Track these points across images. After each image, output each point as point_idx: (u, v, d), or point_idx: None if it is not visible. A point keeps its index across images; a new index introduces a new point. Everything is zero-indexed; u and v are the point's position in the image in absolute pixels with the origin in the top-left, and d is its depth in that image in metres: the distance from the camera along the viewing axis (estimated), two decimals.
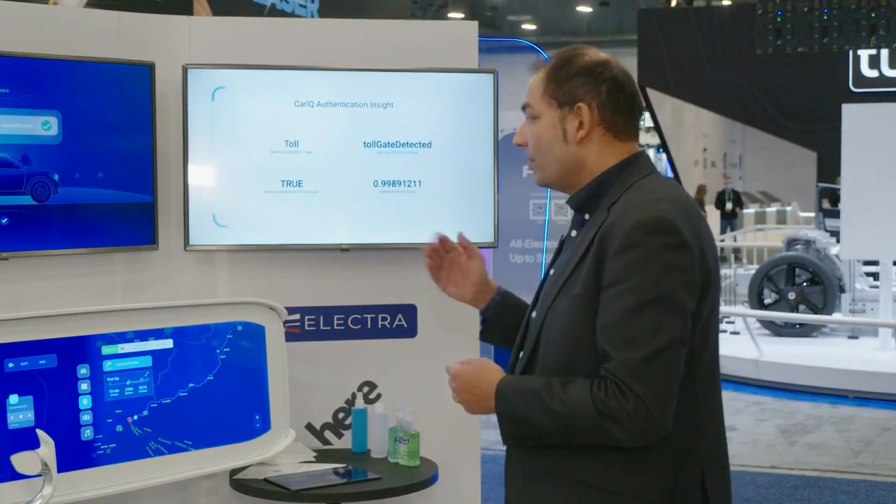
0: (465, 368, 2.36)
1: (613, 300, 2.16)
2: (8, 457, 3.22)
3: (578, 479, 2.25)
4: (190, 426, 3.65)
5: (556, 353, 2.28)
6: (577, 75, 2.33)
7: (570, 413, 2.17)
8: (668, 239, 2.16)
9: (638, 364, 2.12)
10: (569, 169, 2.36)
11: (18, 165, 3.48)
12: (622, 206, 2.25)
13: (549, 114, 2.35)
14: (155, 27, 3.99)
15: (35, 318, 3.40)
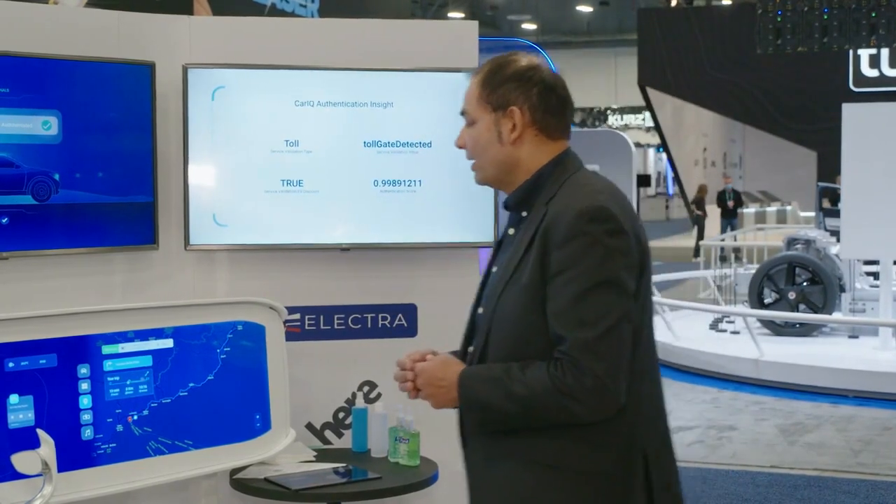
0: (428, 364, 2.48)
1: (563, 287, 2.32)
2: (8, 456, 3.22)
3: (536, 459, 2.37)
4: (190, 426, 3.65)
5: (507, 343, 2.40)
6: (508, 80, 2.48)
7: (531, 394, 2.31)
8: (608, 226, 2.33)
9: (591, 342, 2.28)
10: (505, 169, 2.51)
11: (19, 165, 3.48)
12: (561, 199, 2.40)
13: (485, 118, 2.50)
14: (155, 27, 3.99)
15: (35, 317, 3.40)
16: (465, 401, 2.41)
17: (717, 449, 7.51)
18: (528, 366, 2.34)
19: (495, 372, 2.37)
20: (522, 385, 2.32)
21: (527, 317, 2.37)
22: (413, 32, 4.38)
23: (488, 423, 2.41)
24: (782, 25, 18.21)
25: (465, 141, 2.55)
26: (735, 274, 12.68)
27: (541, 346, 2.35)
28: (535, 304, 2.36)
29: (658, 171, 46.60)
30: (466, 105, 2.54)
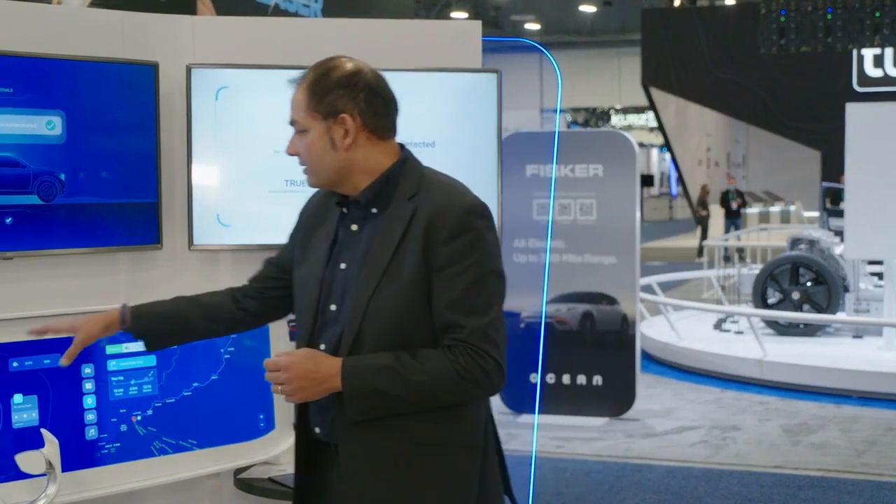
0: (296, 358, 2.51)
1: (453, 279, 2.48)
2: (12, 456, 3.23)
3: (417, 439, 2.52)
4: (194, 425, 3.66)
5: (388, 335, 2.51)
6: (335, 88, 2.58)
7: (430, 380, 2.46)
8: (487, 222, 2.55)
9: (486, 329, 2.48)
10: (342, 173, 2.60)
11: (25, 165, 3.49)
12: (431, 196, 2.54)
13: (316, 126, 2.59)
14: (159, 27, 3.99)
15: (39, 317, 3.40)
16: (352, 389, 2.48)
17: (721, 449, 7.51)
18: (420, 354, 2.49)
19: (383, 360, 2.48)
20: (419, 372, 2.46)
21: (410, 309, 2.50)
22: (416, 32, 4.38)
23: (374, 409, 2.50)
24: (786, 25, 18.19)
25: (296, 149, 2.63)
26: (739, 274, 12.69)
27: (423, 336, 2.51)
28: (418, 298, 2.50)
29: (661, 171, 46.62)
30: (295, 114, 2.62)
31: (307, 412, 2.67)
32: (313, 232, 2.75)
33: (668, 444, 7.67)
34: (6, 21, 3.63)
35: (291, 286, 2.79)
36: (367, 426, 2.52)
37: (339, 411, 2.53)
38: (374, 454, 2.53)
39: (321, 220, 2.74)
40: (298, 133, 2.63)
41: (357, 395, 2.48)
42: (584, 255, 8.28)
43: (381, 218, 2.58)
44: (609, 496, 6.38)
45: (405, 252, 2.51)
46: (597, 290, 8.30)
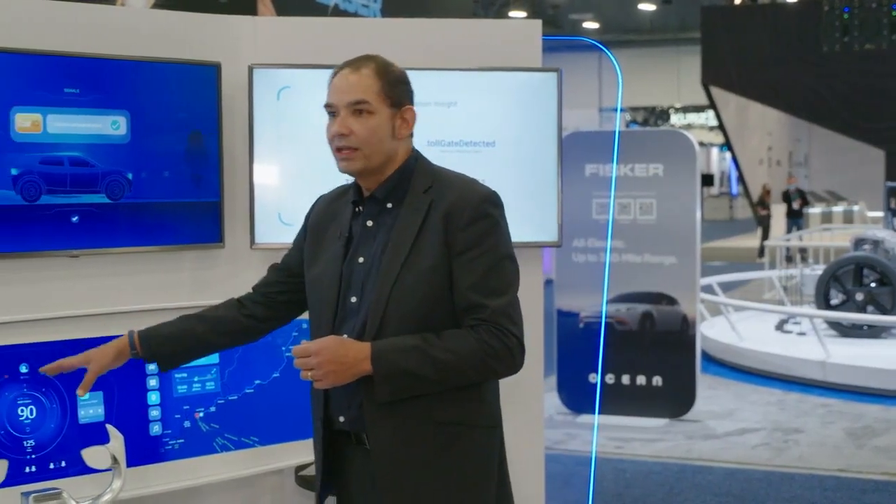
0: (325, 343, 2.58)
1: (473, 262, 2.61)
2: (78, 451, 3.28)
3: (444, 420, 2.62)
4: (256, 422, 3.69)
5: (411, 320, 2.60)
6: (401, 81, 2.74)
7: (458, 359, 2.56)
8: (501, 210, 2.70)
9: (507, 309, 2.60)
10: (386, 160, 2.71)
11: (94, 164, 3.53)
12: (452, 188, 2.68)
13: (383, 111, 2.69)
14: (221, 28, 4.03)
15: (105, 314, 3.45)
16: (383, 370, 2.55)
17: (782, 452, 7.43)
18: (445, 335, 2.59)
19: (411, 341, 2.57)
20: (446, 351, 2.56)
21: (432, 295, 2.61)
22: (476, 32, 4.38)
23: (404, 390, 2.58)
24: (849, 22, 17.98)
25: (352, 128, 2.68)
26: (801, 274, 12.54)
27: (444, 320, 2.61)
28: (439, 283, 2.61)
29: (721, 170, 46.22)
30: (365, 95, 2.67)
31: (329, 403, 2.74)
32: (323, 234, 2.84)
33: (729, 445, 7.60)
34: (72, 23, 3.68)
35: (299, 290, 2.89)
36: (392, 409, 2.60)
37: (366, 396, 2.61)
38: (402, 436, 2.62)
39: (329, 222, 2.84)
40: (357, 114, 2.68)
41: (387, 376, 2.56)
42: (644, 254, 8.23)
43: (396, 212, 2.70)
44: (669, 498, 6.34)
45: (424, 241, 2.63)
46: (657, 291, 8.25)
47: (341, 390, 2.66)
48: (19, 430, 3.29)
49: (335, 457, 2.77)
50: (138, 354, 2.93)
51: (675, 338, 8.20)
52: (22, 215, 3.40)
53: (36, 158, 3.42)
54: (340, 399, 2.70)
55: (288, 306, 3.00)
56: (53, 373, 2.94)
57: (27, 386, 3.31)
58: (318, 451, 2.80)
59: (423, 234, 2.64)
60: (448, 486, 2.64)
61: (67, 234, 3.50)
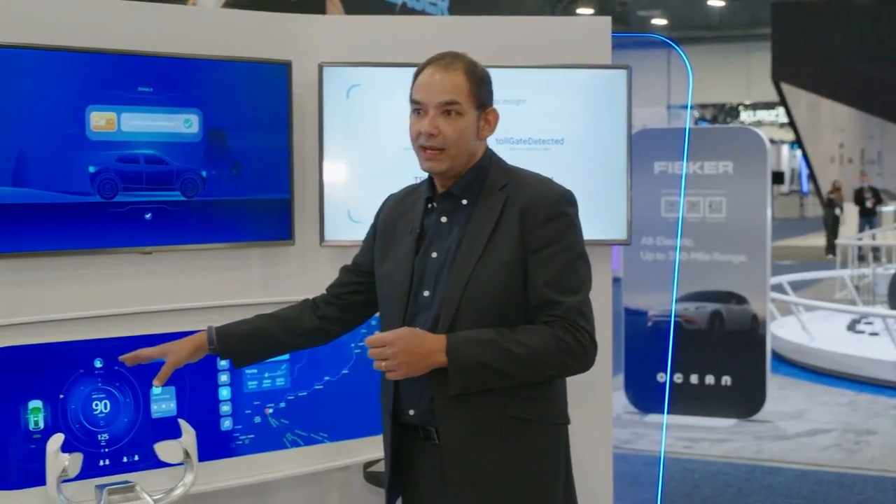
0: (400, 334, 2.60)
1: (549, 259, 2.63)
2: (151, 445, 3.32)
3: (516, 415, 2.64)
4: (325, 419, 3.71)
5: (484, 315, 2.62)
6: (485, 83, 2.77)
7: (532, 353, 2.57)
8: (577, 209, 2.73)
9: (581, 306, 2.63)
10: (468, 160, 2.75)
11: (169, 162, 3.58)
12: (528, 185, 2.71)
13: (471, 112, 2.72)
14: (291, 26, 4.05)
15: (177, 310, 3.50)
16: (457, 363, 2.57)
17: (854, 453, 7.33)
18: (520, 329, 2.60)
19: (486, 335, 2.59)
20: (521, 346, 2.57)
21: (506, 291, 2.63)
22: (545, 29, 4.37)
23: (478, 383, 2.59)
24: None
25: (440, 128, 2.69)
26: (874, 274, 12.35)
27: (517, 317, 2.63)
28: (513, 280, 2.63)
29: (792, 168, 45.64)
30: (456, 96, 2.69)
31: (399, 396, 2.75)
32: (392, 231, 2.87)
33: (800, 446, 7.51)
34: (144, 23, 3.73)
35: (370, 289, 2.92)
36: (463, 403, 2.61)
37: (438, 388, 2.62)
38: (472, 430, 2.63)
39: (398, 219, 2.87)
40: (446, 115, 2.70)
41: (461, 368, 2.57)
42: (714, 253, 8.16)
43: (471, 208, 2.72)
44: (738, 499, 6.28)
45: (499, 237, 2.65)
46: (726, 289, 8.17)
47: (412, 383, 2.67)
48: (94, 423, 3.35)
49: (404, 452, 2.78)
50: (215, 350, 2.96)
51: (745, 337, 8.12)
52: (98, 213, 3.45)
53: (112, 156, 3.47)
54: (411, 392, 2.71)
55: (359, 307, 3.01)
56: (132, 363, 2.97)
57: (101, 380, 3.36)
58: (387, 446, 2.82)
59: (498, 230, 2.66)
60: (517, 481, 2.64)
61: (141, 231, 3.55)
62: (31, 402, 3.25)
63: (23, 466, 3.22)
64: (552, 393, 2.72)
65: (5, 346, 3.22)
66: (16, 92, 3.34)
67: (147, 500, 3.24)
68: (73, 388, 3.32)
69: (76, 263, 3.57)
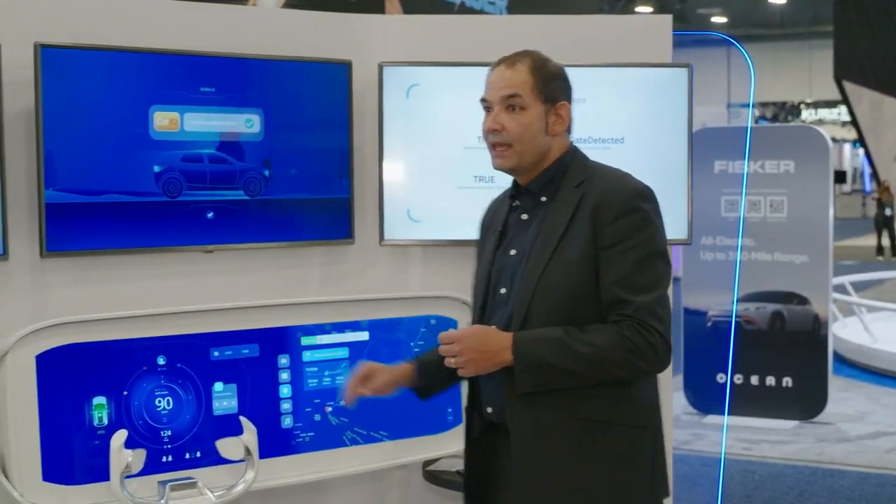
0: (469, 331, 2.64)
1: (621, 256, 2.56)
2: (213, 442, 3.36)
3: (587, 417, 2.59)
4: (384, 417, 3.72)
5: (556, 313, 2.59)
6: (556, 77, 2.73)
7: (598, 353, 2.53)
8: (655, 205, 2.65)
9: (652, 306, 2.55)
10: (539, 156, 2.72)
11: (232, 161, 3.61)
12: (603, 182, 2.65)
13: (536, 107, 2.69)
14: (351, 26, 4.07)
15: (238, 308, 3.53)
16: (523, 361, 2.56)
17: None
18: (587, 329, 2.56)
19: (553, 333, 2.56)
20: (587, 345, 2.53)
21: (577, 289, 2.59)
22: (605, 27, 4.35)
23: (544, 382, 2.58)
24: None
25: (504, 125, 2.68)
26: None
27: (589, 315, 2.58)
28: (585, 277, 2.58)
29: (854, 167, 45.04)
30: (520, 90, 2.68)
31: (478, 395, 2.76)
32: (486, 232, 2.91)
33: (862, 449, 7.41)
34: (206, 24, 3.76)
35: None
36: (535, 402, 2.59)
37: (508, 386, 2.61)
38: (542, 429, 2.61)
39: (493, 219, 2.90)
40: (510, 110, 2.69)
41: (527, 367, 2.57)
42: (775, 253, 8.08)
43: (550, 205, 2.69)
44: (799, 501, 6.21)
45: (573, 234, 2.61)
46: (787, 290, 8.09)
47: (490, 381, 2.68)
48: (157, 420, 3.38)
49: (485, 449, 2.79)
50: (418, 382, 2.97)
51: (807, 338, 8.03)
52: (162, 212, 3.49)
53: (177, 156, 3.51)
54: (489, 389, 2.72)
55: None
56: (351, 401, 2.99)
57: (164, 377, 3.40)
58: (466, 443, 2.83)
59: (571, 227, 2.62)
60: (590, 483, 2.60)
61: (203, 229, 3.58)
62: (95, 399, 3.30)
63: (87, 462, 3.26)
64: (631, 394, 2.64)
65: (71, 343, 3.26)
66: (81, 93, 3.38)
67: (209, 497, 3.27)
68: (137, 385, 3.36)
69: (140, 262, 3.61)
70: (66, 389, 3.25)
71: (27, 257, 3.47)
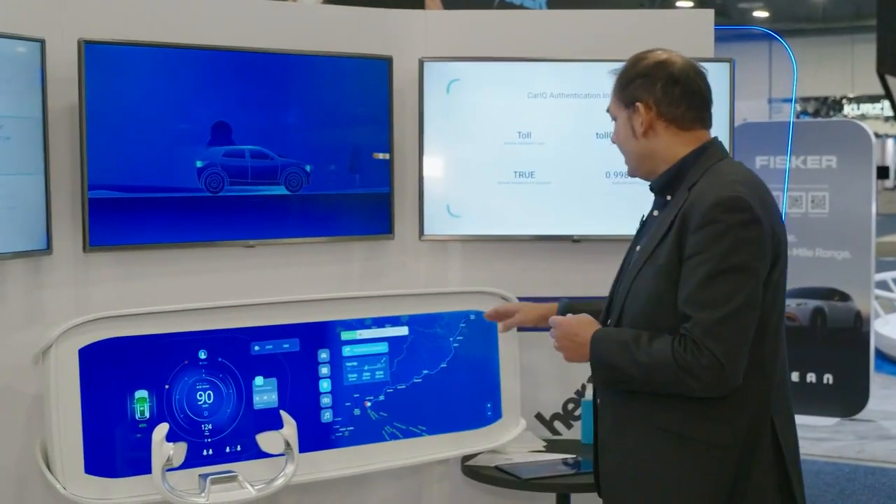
0: (565, 319, 2.71)
1: (693, 269, 2.46)
2: (253, 436, 3.37)
3: (664, 427, 2.55)
4: (424, 412, 3.72)
5: (640, 318, 2.58)
6: (636, 78, 2.67)
7: (652, 363, 2.49)
8: (742, 216, 2.46)
9: (712, 324, 2.42)
10: (642, 159, 2.70)
11: (273, 157, 3.63)
12: (702, 186, 2.55)
13: (621, 115, 2.71)
14: (392, 22, 4.08)
15: (279, 303, 3.54)
16: (594, 358, 2.62)
17: None
18: (657, 337, 2.51)
19: (625, 336, 2.56)
20: (646, 354, 2.50)
21: (660, 295, 2.54)
22: (646, 22, 4.33)
23: (612, 382, 2.63)
24: None
25: (613, 137, 2.77)
26: None
27: (670, 323, 2.50)
28: (669, 284, 2.52)
29: None
30: (609, 104, 2.75)
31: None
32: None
33: None
34: (248, 19, 3.78)
35: None
36: (615, 400, 2.66)
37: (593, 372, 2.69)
38: (621, 429, 2.65)
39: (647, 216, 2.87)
40: (613, 122, 2.75)
41: (597, 363, 2.62)
42: (816, 249, 8.02)
43: (669, 205, 2.66)
44: (840, 499, 6.16)
45: (667, 239, 2.56)
46: (828, 286, 8.02)
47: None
48: (198, 413, 3.40)
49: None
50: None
51: (848, 335, 7.96)
52: (204, 206, 3.51)
53: (219, 151, 3.53)
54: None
55: None
56: (492, 318, 3.37)
57: (206, 371, 3.42)
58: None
59: (669, 231, 2.55)
60: (661, 494, 2.58)
61: (245, 224, 3.60)
62: (137, 392, 3.32)
63: (129, 455, 3.28)
64: (710, 411, 2.52)
65: (114, 336, 3.28)
66: (124, 89, 3.41)
67: (249, 490, 3.29)
68: (178, 378, 3.38)
69: (182, 256, 3.63)
70: (109, 383, 3.27)
71: (70, 252, 3.51)
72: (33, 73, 3.34)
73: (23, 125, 3.32)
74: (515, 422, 3.82)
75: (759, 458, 2.56)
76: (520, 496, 4.12)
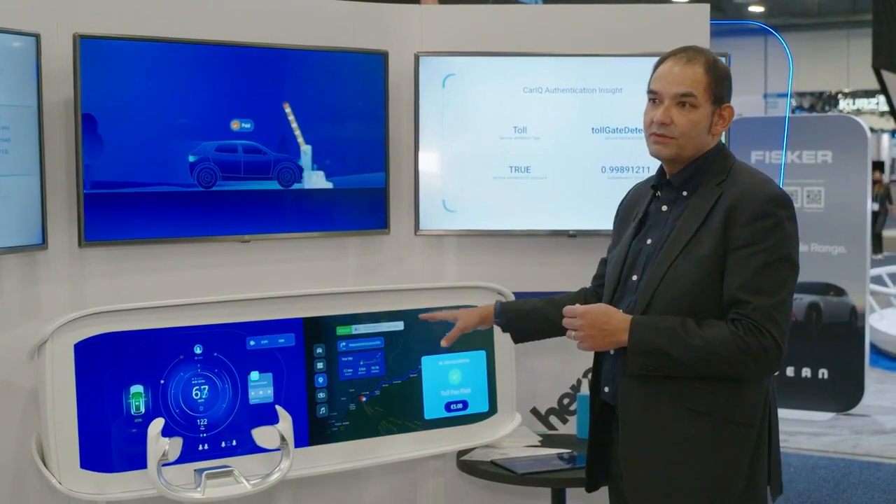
0: (592, 308, 2.73)
1: (746, 259, 2.61)
2: (249, 430, 3.37)
3: (692, 406, 2.66)
4: (419, 407, 3.72)
5: (677, 305, 2.66)
6: (725, 78, 2.77)
7: (709, 347, 2.59)
8: (789, 212, 2.67)
9: (770, 309, 2.59)
10: (696, 152, 2.76)
11: (266, 152, 3.63)
12: (741, 183, 2.69)
13: (706, 106, 2.73)
14: (388, 16, 4.07)
15: (275, 298, 3.54)
16: (637, 344, 2.66)
17: None
18: (704, 323, 2.62)
19: (669, 322, 2.64)
20: (700, 338, 2.60)
21: (703, 283, 2.65)
22: (643, 17, 4.33)
23: (653, 367, 2.66)
24: None
25: (673, 118, 2.72)
26: None
27: (709, 312, 2.64)
28: (711, 275, 2.64)
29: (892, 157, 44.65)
30: (693, 89, 2.72)
31: (599, 374, 2.89)
32: (626, 218, 2.97)
33: None
34: (243, 14, 3.78)
35: None
36: (645, 385, 2.69)
37: (622, 367, 2.73)
38: (650, 413, 2.70)
39: (634, 206, 2.96)
40: (681, 106, 2.72)
41: (640, 350, 2.66)
42: (811, 244, 8.02)
43: (689, 200, 2.75)
44: (835, 494, 6.17)
45: (706, 231, 2.67)
46: (824, 281, 8.03)
47: (609, 360, 2.82)
48: (193, 408, 3.40)
49: (603, 429, 2.91)
50: (498, 323, 3.26)
51: (843, 330, 7.97)
52: (197, 201, 3.51)
53: (211, 146, 3.52)
54: (608, 369, 2.84)
55: None
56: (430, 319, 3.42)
57: (201, 366, 3.41)
58: (590, 419, 2.94)
59: (706, 223, 2.68)
60: (690, 472, 2.68)
61: (239, 219, 3.60)
62: (132, 387, 3.31)
63: (124, 450, 3.28)
64: (741, 391, 2.68)
65: (109, 331, 3.28)
66: (119, 83, 3.40)
67: (244, 485, 3.29)
68: (174, 373, 3.38)
69: (177, 251, 3.63)
70: (104, 378, 3.27)
71: (66, 247, 3.50)
72: (28, 67, 3.33)
73: (18, 120, 3.32)
74: (511, 417, 3.83)
75: (766, 434, 2.75)
76: (515, 491, 4.12)
